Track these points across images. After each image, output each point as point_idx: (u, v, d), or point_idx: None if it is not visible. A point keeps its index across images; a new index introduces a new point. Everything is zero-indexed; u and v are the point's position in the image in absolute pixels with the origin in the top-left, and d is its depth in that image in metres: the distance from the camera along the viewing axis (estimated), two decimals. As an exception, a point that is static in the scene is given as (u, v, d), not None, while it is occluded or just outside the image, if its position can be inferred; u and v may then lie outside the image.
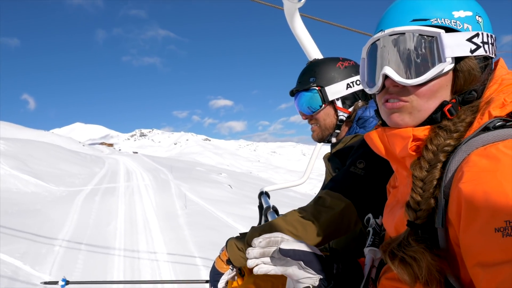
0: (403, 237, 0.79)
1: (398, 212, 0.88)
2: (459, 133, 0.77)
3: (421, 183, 0.78)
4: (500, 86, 0.79)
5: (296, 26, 2.40)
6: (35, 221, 8.13)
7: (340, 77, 1.67)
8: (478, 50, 0.80)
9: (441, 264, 0.72)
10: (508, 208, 0.58)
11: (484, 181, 0.63)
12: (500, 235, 0.58)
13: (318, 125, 1.72)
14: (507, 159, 0.64)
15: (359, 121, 1.65)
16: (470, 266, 0.64)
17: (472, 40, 0.80)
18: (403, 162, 0.87)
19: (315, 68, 1.71)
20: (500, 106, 0.74)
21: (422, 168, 0.78)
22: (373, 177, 1.37)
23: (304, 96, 1.69)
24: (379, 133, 0.90)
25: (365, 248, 1.06)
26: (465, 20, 0.81)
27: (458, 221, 0.67)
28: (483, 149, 0.69)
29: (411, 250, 0.75)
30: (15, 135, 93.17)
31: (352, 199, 1.36)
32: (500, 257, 0.57)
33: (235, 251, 1.46)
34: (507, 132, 0.70)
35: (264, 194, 2.48)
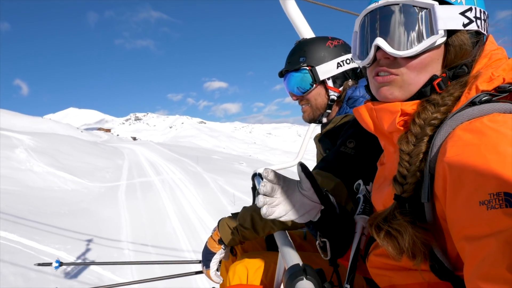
0: (389, 211, 0.80)
1: (386, 189, 0.89)
2: (446, 107, 0.77)
3: (408, 157, 0.78)
4: (489, 61, 0.80)
5: (288, 5, 2.43)
6: (89, 222, 8.15)
7: (331, 56, 1.65)
8: (471, 25, 0.81)
9: (426, 237, 0.73)
10: (492, 181, 0.59)
11: (469, 155, 0.64)
12: (485, 208, 0.58)
13: (309, 105, 1.70)
14: (492, 132, 0.64)
15: (349, 100, 1.65)
16: (456, 240, 0.65)
17: (465, 14, 0.81)
18: (391, 138, 0.87)
19: (305, 47, 1.68)
20: (487, 80, 0.74)
21: (408, 142, 0.79)
22: (363, 157, 1.38)
23: (295, 77, 1.67)
24: (367, 107, 0.90)
25: (355, 216, 1.07)
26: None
27: (444, 195, 0.68)
28: (468, 124, 0.70)
29: (396, 223, 0.76)
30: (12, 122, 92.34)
31: (342, 178, 1.37)
32: (485, 230, 0.57)
33: (226, 231, 1.49)
34: (492, 106, 0.70)
35: (257, 175, 2.51)
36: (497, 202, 0.57)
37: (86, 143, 18.86)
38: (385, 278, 0.92)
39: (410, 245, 0.73)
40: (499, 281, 0.53)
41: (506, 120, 0.66)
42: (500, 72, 0.74)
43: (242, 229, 1.45)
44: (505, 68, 0.75)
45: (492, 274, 0.54)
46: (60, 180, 11.48)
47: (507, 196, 0.56)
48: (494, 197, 0.57)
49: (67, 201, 9.73)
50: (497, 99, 0.73)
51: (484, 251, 0.57)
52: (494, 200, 0.57)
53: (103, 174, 13.95)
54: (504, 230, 0.55)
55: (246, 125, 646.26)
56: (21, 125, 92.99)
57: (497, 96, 0.73)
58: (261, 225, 1.41)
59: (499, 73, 0.74)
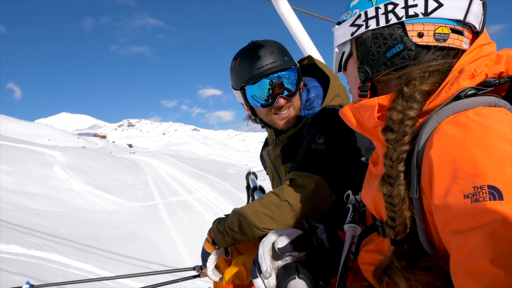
0: (388, 260, 0.79)
1: (375, 186, 0.89)
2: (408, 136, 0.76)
3: (390, 199, 0.78)
4: (476, 56, 0.79)
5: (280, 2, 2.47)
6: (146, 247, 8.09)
7: (293, 58, 1.65)
8: (359, 30, 0.87)
9: (428, 278, 0.72)
10: (476, 174, 0.59)
11: (454, 149, 0.64)
12: (469, 201, 0.58)
13: (293, 107, 1.61)
14: (476, 126, 0.64)
15: (306, 103, 1.64)
16: (442, 234, 0.65)
17: (355, 23, 0.87)
18: (376, 134, 0.88)
19: (280, 46, 1.61)
20: (470, 77, 0.74)
21: (386, 184, 0.79)
22: (335, 149, 1.40)
23: (291, 75, 1.57)
24: (351, 107, 0.92)
25: (345, 225, 1.07)
26: (356, 7, 0.89)
27: (430, 189, 0.68)
28: (453, 117, 0.70)
29: (394, 273, 0.76)
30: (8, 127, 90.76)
31: (321, 174, 1.37)
32: (469, 224, 0.58)
33: (217, 234, 1.52)
34: (477, 100, 0.71)
35: (251, 174, 2.52)
36: (481, 195, 0.57)
37: (108, 157, 18.79)
38: None
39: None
40: (483, 274, 0.53)
41: (490, 113, 0.67)
42: (483, 67, 0.74)
43: (232, 232, 1.46)
44: (487, 63, 0.75)
45: (476, 268, 0.54)
46: (100, 200, 11.42)
47: (491, 189, 0.56)
48: (478, 190, 0.58)
49: (115, 223, 9.68)
50: (483, 93, 0.73)
51: (469, 245, 0.57)
52: (478, 193, 0.57)
53: (134, 191, 13.90)
54: (488, 223, 0.55)
55: (239, 133, 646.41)
56: (18, 130, 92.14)
57: (482, 90, 0.74)
58: (248, 228, 1.42)
59: (481, 69, 0.74)
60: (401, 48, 0.82)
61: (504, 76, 0.75)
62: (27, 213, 8.35)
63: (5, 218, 7.47)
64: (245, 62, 1.57)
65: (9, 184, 9.93)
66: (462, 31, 0.81)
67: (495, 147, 0.60)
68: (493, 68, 0.75)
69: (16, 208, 8.59)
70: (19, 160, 12.30)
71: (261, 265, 0.97)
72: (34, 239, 6.62)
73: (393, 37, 0.83)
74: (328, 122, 1.45)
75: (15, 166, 11.48)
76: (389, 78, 0.85)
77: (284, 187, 1.41)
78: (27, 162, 12.38)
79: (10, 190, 9.53)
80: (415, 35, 0.81)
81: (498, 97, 0.73)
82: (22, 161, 12.29)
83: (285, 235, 1.03)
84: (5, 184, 9.78)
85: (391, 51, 0.83)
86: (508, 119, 0.66)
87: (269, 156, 1.84)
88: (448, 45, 0.80)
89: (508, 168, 0.57)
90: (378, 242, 0.91)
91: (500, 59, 0.75)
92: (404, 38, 0.82)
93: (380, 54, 0.84)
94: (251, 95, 1.59)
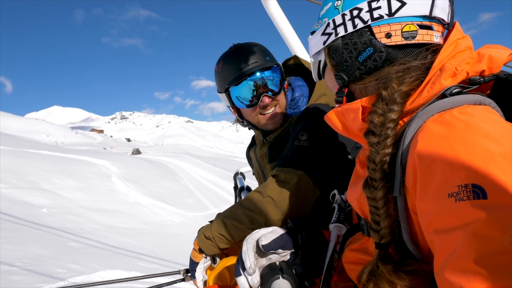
0: (373, 263, 0.79)
1: (360, 185, 0.88)
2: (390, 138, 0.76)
3: (374, 202, 0.78)
4: (453, 51, 0.79)
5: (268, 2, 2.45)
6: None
7: (275, 58, 1.67)
8: (330, 38, 0.87)
9: (413, 282, 0.71)
10: (460, 173, 0.58)
11: (438, 147, 0.64)
12: (453, 200, 0.58)
13: (278, 106, 1.62)
14: (461, 124, 0.64)
15: (292, 103, 1.66)
16: (427, 233, 0.64)
17: (325, 32, 0.88)
18: (361, 136, 0.87)
19: (261, 48, 1.63)
20: (451, 75, 0.74)
21: (370, 187, 0.79)
22: (318, 146, 1.42)
23: (274, 75, 1.59)
24: (335, 112, 0.92)
25: (330, 224, 1.07)
26: (325, 16, 0.89)
27: (414, 188, 0.67)
28: (438, 116, 0.70)
29: (380, 277, 0.75)
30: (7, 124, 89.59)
31: (304, 169, 1.38)
32: (453, 223, 0.57)
33: (204, 241, 1.48)
34: (462, 98, 0.70)
35: (239, 174, 2.46)
36: (465, 194, 0.56)
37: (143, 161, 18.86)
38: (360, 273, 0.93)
39: None
40: (466, 274, 0.52)
41: (475, 112, 0.66)
42: (464, 66, 0.74)
43: (218, 236, 1.44)
44: (468, 62, 0.75)
45: (459, 267, 0.53)
46: (165, 212, 11.60)
47: (475, 188, 0.56)
48: (462, 189, 0.57)
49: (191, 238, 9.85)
50: (467, 91, 0.73)
51: (452, 244, 0.56)
52: (462, 192, 0.57)
53: (184, 199, 14.08)
54: (472, 222, 0.54)
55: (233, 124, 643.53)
56: (16, 127, 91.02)
57: (467, 89, 0.73)
58: (234, 229, 1.41)
59: (463, 67, 0.74)
60: (372, 51, 0.82)
61: (487, 74, 0.75)
62: (117, 233, 8.51)
63: (101, 240, 7.62)
64: (227, 64, 1.60)
65: (85, 201, 10.07)
66: (430, 25, 0.81)
67: (480, 145, 0.60)
68: (475, 67, 0.75)
69: (104, 227, 8.75)
70: (81, 174, 12.40)
71: (245, 262, 0.96)
72: (143, 263, 6.78)
73: (362, 41, 0.83)
74: (311, 120, 1.48)
75: (81, 180, 11.60)
76: (365, 82, 0.85)
77: (267, 183, 1.42)
78: (88, 175, 12.48)
79: (89, 208, 9.68)
80: (383, 36, 0.81)
81: (482, 95, 0.73)
82: (84, 175, 12.39)
83: (270, 232, 1.02)
84: (82, 202, 9.92)
85: (362, 55, 0.83)
86: (492, 117, 0.66)
87: (256, 156, 1.86)
88: (418, 42, 0.79)
89: (492, 167, 0.57)
90: (363, 242, 0.91)
91: (482, 57, 0.75)
92: (373, 40, 0.82)
93: (353, 59, 0.84)
94: (236, 96, 1.60)
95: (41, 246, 6.25)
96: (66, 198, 9.84)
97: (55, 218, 8.29)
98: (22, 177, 10.55)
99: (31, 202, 8.83)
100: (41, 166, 12.26)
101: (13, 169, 11.08)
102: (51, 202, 9.22)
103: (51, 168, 12.28)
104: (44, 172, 11.57)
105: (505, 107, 0.73)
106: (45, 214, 8.34)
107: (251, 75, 1.55)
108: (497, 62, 0.74)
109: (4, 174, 10.39)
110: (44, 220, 7.90)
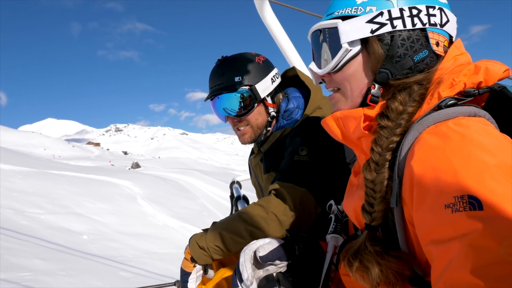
0: (361, 242, 0.79)
1: (356, 195, 0.89)
2: (402, 128, 0.77)
3: (372, 184, 0.79)
4: (452, 65, 0.80)
5: (266, 14, 2.44)
6: None
7: (264, 72, 1.63)
8: (382, 28, 0.81)
9: (399, 266, 0.72)
10: (457, 184, 0.59)
11: (434, 159, 0.64)
12: (450, 211, 0.58)
13: (249, 126, 1.63)
14: (456, 136, 0.65)
15: (285, 114, 1.64)
16: (424, 244, 0.64)
17: (374, 20, 0.81)
18: (360, 145, 0.87)
19: (237, 66, 1.61)
20: (449, 86, 0.75)
21: (371, 170, 0.80)
22: (318, 161, 1.41)
23: (232, 98, 1.58)
24: (334, 117, 0.90)
25: (327, 235, 1.06)
26: (368, 4, 0.83)
27: (411, 199, 0.68)
28: (434, 127, 0.70)
29: (367, 256, 0.76)
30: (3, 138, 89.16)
31: (306, 186, 1.37)
32: (450, 233, 0.57)
33: (197, 250, 1.43)
34: (457, 110, 0.71)
35: (235, 183, 2.44)
36: (461, 205, 0.57)
37: (157, 179, 18.78)
38: (357, 285, 0.89)
39: (383, 277, 0.73)
40: (463, 285, 0.52)
41: (470, 124, 0.67)
42: (461, 77, 0.75)
43: (214, 247, 1.40)
44: (466, 73, 0.76)
45: (456, 278, 0.53)
46: (193, 234, 11.54)
47: (470, 199, 0.56)
48: (458, 200, 0.58)
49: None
50: (462, 103, 0.74)
51: (449, 255, 0.56)
52: (459, 203, 0.57)
53: (207, 220, 13.91)
54: (468, 233, 0.55)
55: (228, 136, 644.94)
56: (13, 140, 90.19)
57: (462, 100, 0.74)
58: (232, 243, 1.38)
59: (460, 79, 0.75)
60: (426, 54, 0.81)
61: (483, 86, 0.75)
62: (157, 259, 8.46)
63: (145, 267, 7.58)
64: (209, 78, 1.67)
65: (119, 225, 10.01)
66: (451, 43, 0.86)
67: (475, 157, 0.60)
68: (472, 78, 0.75)
69: (144, 254, 8.69)
70: (108, 196, 12.33)
71: (242, 274, 0.96)
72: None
73: (419, 42, 0.81)
74: (310, 134, 1.47)
75: (110, 203, 11.54)
76: (405, 82, 0.81)
77: (270, 199, 1.40)
78: (115, 197, 12.42)
79: (124, 233, 9.61)
80: (434, 43, 0.81)
81: (477, 107, 0.74)
82: (111, 197, 12.33)
83: (267, 243, 1.02)
84: (116, 226, 9.85)
85: (419, 55, 0.81)
86: (487, 129, 0.67)
87: (252, 165, 1.87)
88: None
89: (488, 179, 0.57)
90: None
91: (478, 69, 0.76)
92: (427, 44, 0.82)
93: (407, 57, 0.81)
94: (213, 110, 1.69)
95: (96, 277, 6.22)
96: (101, 223, 9.77)
97: (97, 245, 8.23)
98: (54, 201, 10.47)
99: (71, 229, 8.76)
100: (68, 189, 12.18)
101: (43, 193, 11.00)
102: (88, 228, 9.15)
103: (78, 191, 12.20)
104: (73, 195, 11.49)
105: (500, 119, 0.74)
106: (87, 241, 8.27)
107: (216, 95, 1.60)
108: (492, 75, 0.75)
109: (37, 198, 10.33)
110: (88, 248, 7.85)
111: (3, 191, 10.04)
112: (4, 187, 10.47)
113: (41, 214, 9.15)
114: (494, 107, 0.76)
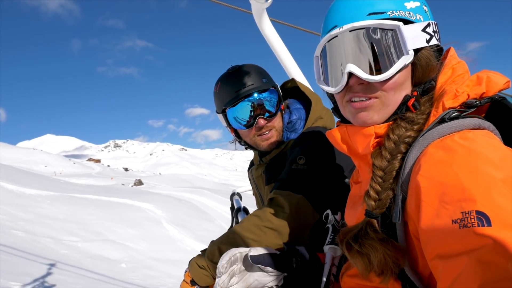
0: (361, 227, 0.78)
1: (360, 207, 0.87)
2: (419, 125, 0.78)
3: (381, 173, 0.78)
4: (452, 76, 0.80)
5: (265, 27, 2.47)
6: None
7: (273, 81, 1.68)
8: (432, 40, 0.80)
9: (397, 255, 0.72)
10: (464, 199, 0.58)
11: (441, 173, 0.64)
12: (457, 226, 0.57)
13: (274, 129, 1.62)
14: (463, 150, 0.64)
15: (289, 125, 1.65)
16: (429, 258, 0.63)
17: (426, 30, 0.80)
18: (366, 159, 0.86)
19: (258, 69, 1.63)
20: (452, 97, 0.75)
21: (383, 158, 0.78)
22: (316, 170, 1.41)
23: (270, 97, 1.59)
24: (341, 131, 0.89)
25: (324, 246, 1.05)
26: (416, 11, 0.81)
27: (417, 213, 0.67)
28: (440, 141, 0.70)
29: (367, 240, 0.75)
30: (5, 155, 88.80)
31: (303, 193, 1.36)
32: (457, 249, 0.57)
33: (197, 270, 1.41)
34: (462, 123, 0.71)
35: (236, 195, 2.44)
36: (469, 221, 0.56)
37: (174, 200, 18.74)
38: None
39: (380, 263, 0.73)
40: None
41: (476, 137, 0.67)
42: (464, 88, 0.75)
43: (213, 264, 1.37)
44: (468, 84, 0.76)
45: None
46: (222, 259, 11.50)
47: (479, 215, 0.56)
48: (466, 215, 0.57)
49: None
50: (465, 114, 0.73)
51: (457, 270, 0.56)
52: (466, 219, 0.57)
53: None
54: (477, 249, 0.54)
55: (227, 151, 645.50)
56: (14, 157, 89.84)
57: (465, 112, 0.73)
58: None
59: (463, 89, 0.75)
60: None
61: (484, 97, 0.75)
62: (195, 287, 8.44)
63: None
64: (225, 85, 1.61)
65: (152, 252, 9.99)
66: None
67: (482, 172, 0.60)
68: (475, 89, 0.75)
69: (181, 282, 8.68)
70: (135, 221, 12.32)
71: (219, 263, 0.99)
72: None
73: (441, 56, 0.85)
74: (309, 144, 1.48)
75: (138, 228, 11.53)
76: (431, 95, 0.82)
77: (266, 208, 1.39)
78: (141, 221, 12.41)
79: (158, 259, 9.59)
80: None
81: (482, 118, 0.73)
82: (138, 221, 12.32)
83: (261, 249, 1.04)
84: (150, 253, 9.83)
85: None
86: (493, 143, 0.66)
87: (253, 176, 1.86)
88: None
89: (495, 194, 0.57)
90: None
91: (481, 80, 0.76)
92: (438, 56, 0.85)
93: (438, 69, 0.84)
94: (233, 117, 1.61)
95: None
96: (134, 250, 9.76)
97: (136, 274, 8.21)
98: (86, 227, 10.47)
99: (108, 257, 8.75)
100: (95, 213, 12.18)
101: (73, 219, 10.99)
102: (124, 256, 9.13)
103: (104, 216, 12.19)
104: (102, 221, 11.47)
105: (500, 129, 0.74)
106: (126, 270, 8.26)
107: (248, 96, 1.55)
108: (494, 86, 0.75)
109: (70, 225, 10.33)
110: (129, 277, 7.84)
111: (37, 218, 10.06)
112: (36, 214, 10.48)
113: (78, 242, 9.15)
114: (495, 117, 0.77)
